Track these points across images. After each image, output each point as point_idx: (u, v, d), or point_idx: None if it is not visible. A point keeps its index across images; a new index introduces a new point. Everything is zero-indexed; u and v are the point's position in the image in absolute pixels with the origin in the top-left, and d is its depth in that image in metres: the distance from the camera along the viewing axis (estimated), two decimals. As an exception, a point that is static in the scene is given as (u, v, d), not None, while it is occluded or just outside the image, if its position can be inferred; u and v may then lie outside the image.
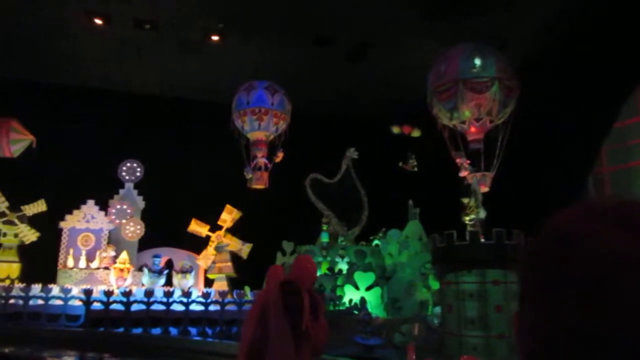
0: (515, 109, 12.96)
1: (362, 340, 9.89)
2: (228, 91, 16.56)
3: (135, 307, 12.91)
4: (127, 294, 12.77)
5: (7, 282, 14.91)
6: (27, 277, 15.42)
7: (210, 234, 16.77)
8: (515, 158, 12.95)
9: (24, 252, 16.28)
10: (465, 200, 11.21)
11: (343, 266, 14.71)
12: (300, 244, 15.46)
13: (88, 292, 12.65)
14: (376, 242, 16.31)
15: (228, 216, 16.59)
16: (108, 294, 12.63)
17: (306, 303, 2.14)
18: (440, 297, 11.27)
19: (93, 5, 14.26)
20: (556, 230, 0.64)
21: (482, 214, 10.87)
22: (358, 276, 13.81)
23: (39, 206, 16.20)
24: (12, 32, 15.18)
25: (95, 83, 17.77)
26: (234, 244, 16.49)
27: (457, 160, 13.03)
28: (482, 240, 10.20)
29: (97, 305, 12.62)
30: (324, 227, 15.84)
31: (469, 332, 9.80)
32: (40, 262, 16.11)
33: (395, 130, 16.47)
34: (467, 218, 11.20)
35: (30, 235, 16.07)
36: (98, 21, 14.60)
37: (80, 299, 12.63)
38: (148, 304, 12.87)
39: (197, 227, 16.63)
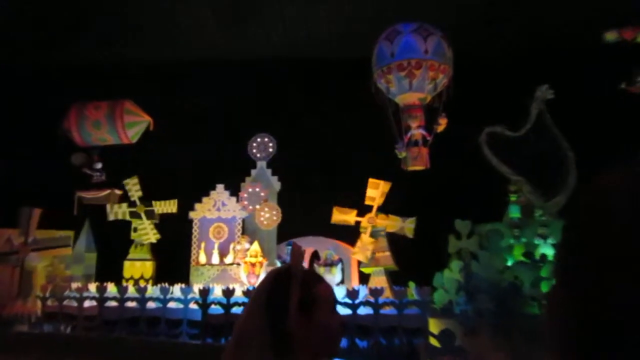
0: None
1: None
2: (366, 40, 12.99)
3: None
4: (248, 293, 9.80)
5: (142, 283, 13.46)
6: (161, 276, 13.82)
7: (359, 219, 13.48)
8: None
9: (159, 249, 14.72)
10: None
11: (547, 250, 10.75)
12: (479, 222, 11.45)
13: (203, 292, 9.97)
14: (595, 213, 11.51)
15: (375, 192, 13.00)
16: (227, 293, 9.80)
17: (294, 297, 1.59)
18: None
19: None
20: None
21: None
22: (577, 263, 9.32)
23: (169, 206, 14.45)
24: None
25: (213, 52, 15.81)
26: (391, 223, 12.92)
27: None
28: None
29: (215, 308, 9.90)
30: (513, 198, 11.67)
31: None
32: (176, 259, 14.50)
33: (610, 37, 11.05)
34: None
35: (150, 235, 14.34)
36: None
37: (196, 301, 10.04)
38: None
39: (342, 216, 13.38)
